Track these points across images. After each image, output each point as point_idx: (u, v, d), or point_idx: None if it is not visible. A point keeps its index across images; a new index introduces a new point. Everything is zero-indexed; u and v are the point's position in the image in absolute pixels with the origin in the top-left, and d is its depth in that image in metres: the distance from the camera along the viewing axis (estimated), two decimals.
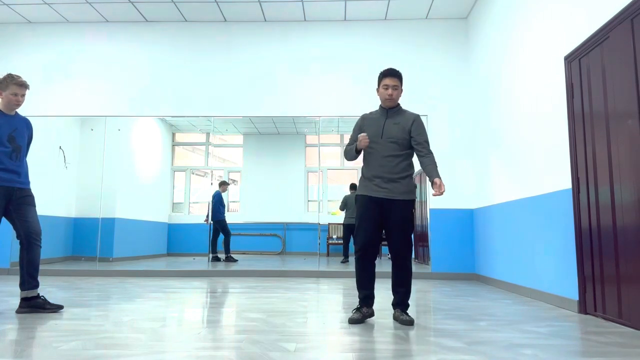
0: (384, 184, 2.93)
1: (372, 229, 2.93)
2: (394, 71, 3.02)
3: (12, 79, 3.27)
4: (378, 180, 2.95)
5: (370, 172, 2.98)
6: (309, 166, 10.31)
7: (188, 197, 10.18)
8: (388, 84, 3.01)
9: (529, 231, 4.28)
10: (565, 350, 2.31)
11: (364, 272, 2.98)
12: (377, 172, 2.96)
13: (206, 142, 10.48)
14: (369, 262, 2.98)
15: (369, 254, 2.95)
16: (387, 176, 2.93)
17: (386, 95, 3.01)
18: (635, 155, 2.79)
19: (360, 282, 3.00)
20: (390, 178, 2.93)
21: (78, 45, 6.57)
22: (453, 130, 6.19)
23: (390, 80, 3.01)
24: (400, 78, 3.03)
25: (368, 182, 2.99)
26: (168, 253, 9.66)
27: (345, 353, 2.21)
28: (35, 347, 2.25)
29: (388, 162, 2.95)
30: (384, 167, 2.95)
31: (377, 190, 2.94)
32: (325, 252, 9.67)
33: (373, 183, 2.96)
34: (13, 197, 3.26)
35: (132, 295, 4.16)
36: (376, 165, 2.97)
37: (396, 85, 3.00)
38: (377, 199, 2.94)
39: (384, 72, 3.04)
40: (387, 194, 2.92)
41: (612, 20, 3.01)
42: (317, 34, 6.50)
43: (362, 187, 3.03)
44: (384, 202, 2.94)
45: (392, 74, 3.01)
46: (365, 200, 2.98)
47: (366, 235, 2.93)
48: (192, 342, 2.40)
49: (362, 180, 3.06)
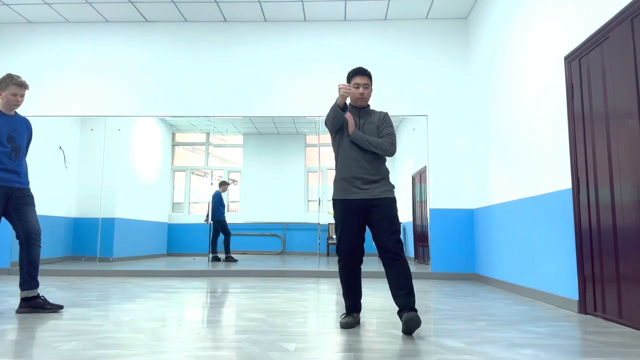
0: (364, 185, 2.77)
1: (355, 234, 2.77)
2: (364, 70, 2.90)
3: (12, 79, 3.27)
4: (358, 182, 2.78)
5: (348, 174, 2.80)
6: (309, 166, 10.31)
7: (188, 197, 10.18)
8: (359, 82, 2.87)
9: (529, 231, 4.28)
10: (565, 350, 2.31)
11: (350, 281, 2.84)
12: (356, 174, 2.79)
13: (206, 142, 10.48)
14: (353, 271, 2.83)
15: (353, 261, 2.81)
16: (367, 177, 2.78)
17: (357, 95, 2.86)
18: (635, 155, 2.79)
19: (347, 291, 2.86)
20: (371, 179, 2.78)
21: (78, 45, 6.57)
22: (453, 130, 6.19)
23: (361, 79, 2.87)
24: (370, 77, 2.91)
25: (346, 184, 2.80)
26: (168, 253, 9.66)
27: (345, 353, 2.21)
28: (35, 347, 2.25)
29: (367, 162, 2.79)
30: (363, 168, 2.78)
31: (357, 192, 2.77)
32: (325, 252, 9.67)
33: (352, 185, 2.78)
34: (13, 197, 3.26)
35: (132, 295, 4.15)
36: (354, 166, 2.79)
37: (367, 83, 2.88)
38: (359, 201, 2.77)
39: (353, 71, 2.90)
40: (370, 194, 2.76)
41: (612, 20, 3.01)
42: (317, 34, 6.50)
43: (340, 191, 2.83)
44: (367, 203, 2.76)
45: (362, 73, 2.88)
46: (345, 205, 2.79)
47: (351, 242, 2.77)
48: (192, 342, 2.40)
49: (338, 183, 2.85)
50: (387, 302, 3.86)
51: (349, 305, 2.88)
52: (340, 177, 2.84)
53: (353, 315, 2.86)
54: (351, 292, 2.85)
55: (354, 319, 2.84)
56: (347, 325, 2.78)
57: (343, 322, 2.80)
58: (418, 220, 7.33)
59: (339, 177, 2.86)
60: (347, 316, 2.86)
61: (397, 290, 2.70)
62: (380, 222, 2.73)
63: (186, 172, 10.26)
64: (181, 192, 10.22)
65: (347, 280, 2.84)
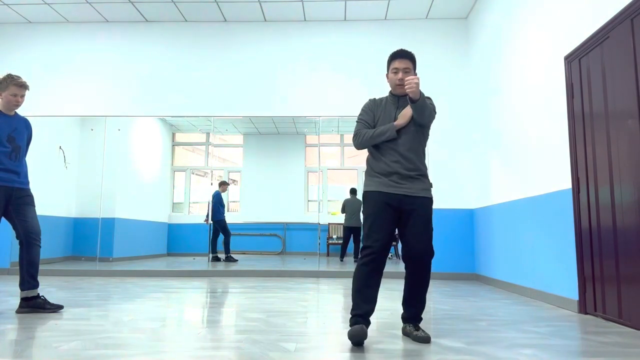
0: (401, 180, 2.52)
1: (387, 229, 2.48)
2: (405, 52, 2.59)
3: (12, 79, 3.27)
4: (395, 176, 2.53)
5: (385, 169, 2.55)
6: (309, 166, 10.31)
7: (188, 197, 10.18)
8: (398, 67, 2.58)
9: (529, 231, 4.28)
10: (565, 350, 2.31)
11: (369, 281, 2.44)
12: (393, 168, 2.53)
13: (206, 142, 10.48)
14: (377, 270, 2.47)
15: (379, 259, 2.46)
16: (405, 173, 2.52)
17: (396, 81, 2.58)
18: (635, 155, 2.79)
19: (363, 294, 2.43)
20: (409, 175, 2.52)
21: (78, 45, 6.57)
22: (453, 130, 6.19)
23: (400, 63, 2.58)
24: (413, 60, 2.60)
25: (383, 178, 2.55)
26: (168, 253, 9.66)
27: (345, 353, 2.21)
28: (35, 347, 2.25)
29: (405, 157, 2.54)
30: (401, 163, 2.53)
31: (394, 187, 2.52)
32: (325, 252, 9.67)
33: (389, 179, 2.53)
34: (13, 197, 3.26)
35: (132, 295, 4.15)
36: (391, 160, 2.54)
37: (408, 68, 2.57)
38: (394, 195, 2.51)
39: (393, 54, 2.61)
40: (407, 191, 2.51)
41: (612, 20, 3.01)
42: (317, 34, 6.50)
43: (374, 183, 2.58)
44: (403, 199, 2.50)
45: (402, 55, 2.58)
46: (379, 197, 2.53)
47: (382, 237, 2.46)
48: (192, 342, 2.40)
49: (372, 177, 2.61)
50: (387, 302, 3.86)
51: (360, 314, 2.40)
52: (375, 173, 2.60)
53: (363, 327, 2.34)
54: (368, 296, 2.44)
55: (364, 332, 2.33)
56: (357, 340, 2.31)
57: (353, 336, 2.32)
58: None
59: (373, 172, 2.61)
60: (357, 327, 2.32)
61: (411, 299, 2.55)
62: (415, 222, 2.49)
63: (186, 172, 10.26)
64: (181, 192, 10.22)
65: (368, 279, 2.45)
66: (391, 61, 2.63)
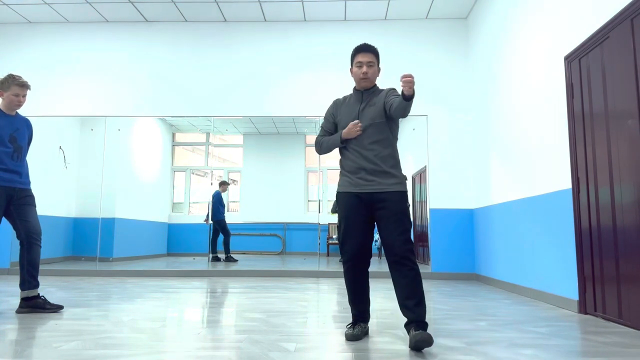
0: (369, 176, 2.45)
1: (362, 232, 2.46)
2: (368, 46, 2.56)
3: (14, 79, 3.27)
4: (362, 172, 2.47)
5: (352, 165, 2.50)
6: (309, 166, 10.31)
7: (188, 197, 10.18)
8: (362, 60, 2.55)
9: (529, 231, 4.28)
10: (565, 350, 2.31)
11: (356, 285, 2.51)
12: (360, 164, 2.47)
13: (206, 142, 10.48)
14: (360, 273, 2.50)
15: (360, 263, 2.48)
16: (372, 167, 2.45)
17: (360, 74, 2.55)
18: (635, 155, 2.79)
19: (353, 297, 2.53)
20: (377, 169, 2.45)
21: (78, 45, 6.57)
22: (453, 130, 6.19)
23: (364, 57, 2.55)
24: (376, 54, 2.57)
25: (351, 176, 2.51)
26: (168, 253, 9.66)
27: (345, 353, 2.21)
28: (35, 347, 2.25)
29: (371, 151, 2.46)
30: (367, 158, 2.46)
31: (363, 185, 2.45)
32: (325, 252, 9.67)
33: (357, 176, 2.48)
34: (14, 197, 3.27)
35: (132, 295, 4.16)
36: (357, 156, 2.48)
37: (371, 62, 2.55)
38: (364, 195, 2.45)
39: (356, 48, 2.58)
40: (377, 187, 2.43)
41: (612, 20, 3.02)
42: (317, 34, 6.50)
43: (344, 183, 2.53)
44: (374, 197, 2.44)
45: (365, 49, 2.55)
46: (349, 199, 2.49)
47: (356, 241, 2.45)
48: (192, 342, 2.40)
49: (342, 176, 2.57)
50: (387, 302, 3.86)
51: (355, 314, 2.56)
52: (345, 170, 2.56)
53: (360, 325, 2.53)
54: (357, 299, 2.53)
55: (361, 330, 2.51)
56: (352, 338, 2.46)
57: (348, 334, 2.48)
58: (418, 220, 7.33)
59: (343, 171, 2.58)
60: (354, 327, 2.53)
61: (404, 300, 2.36)
62: (389, 218, 2.40)
63: (186, 172, 10.26)
64: (181, 192, 10.22)
65: (352, 284, 2.52)
66: (355, 55, 2.59)
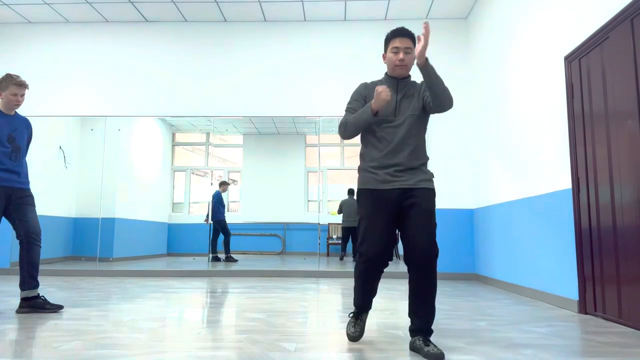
0: (399, 173, 2.27)
1: (385, 233, 2.25)
2: (405, 30, 2.32)
3: (12, 79, 3.27)
4: (392, 168, 2.27)
5: (381, 161, 2.29)
6: (309, 166, 10.31)
7: (188, 197, 10.18)
8: (399, 46, 2.32)
9: (529, 231, 4.28)
10: (565, 350, 2.31)
11: (369, 285, 2.37)
12: (391, 158, 2.28)
13: (206, 142, 10.48)
14: (377, 274, 2.34)
15: (380, 266, 2.30)
16: (405, 163, 2.27)
17: (396, 61, 2.33)
18: (635, 155, 2.79)
19: (362, 294, 2.40)
20: (409, 166, 2.27)
21: (78, 45, 6.57)
22: (453, 130, 6.18)
23: (402, 42, 2.32)
24: (414, 39, 2.34)
25: (378, 171, 2.29)
26: (168, 253, 9.66)
27: (345, 353, 2.21)
28: (35, 347, 2.25)
29: (406, 146, 2.28)
30: (401, 153, 2.27)
31: (391, 181, 2.26)
32: (325, 252, 9.67)
33: (385, 172, 2.27)
34: (13, 197, 3.26)
35: (132, 295, 4.15)
36: (390, 151, 2.28)
37: (408, 47, 2.32)
38: (391, 191, 2.26)
39: (393, 32, 2.35)
40: (405, 184, 2.25)
41: (612, 20, 3.01)
42: (317, 34, 6.50)
43: (369, 180, 2.31)
44: (402, 193, 2.25)
45: (403, 34, 2.32)
46: (373, 197, 2.28)
47: (378, 242, 2.24)
48: (192, 342, 2.40)
49: (366, 172, 2.35)
50: (388, 302, 3.86)
51: (361, 305, 2.43)
52: (370, 166, 2.33)
53: (362, 318, 2.46)
54: (366, 296, 2.41)
55: (361, 328, 2.44)
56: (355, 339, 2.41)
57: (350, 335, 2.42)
58: None
59: (367, 166, 2.35)
60: (356, 323, 2.44)
61: (418, 307, 2.24)
62: (417, 217, 2.21)
63: (186, 172, 10.26)
64: (181, 192, 10.22)
65: (366, 284, 2.37)
66: (391, 39, 2.36)
